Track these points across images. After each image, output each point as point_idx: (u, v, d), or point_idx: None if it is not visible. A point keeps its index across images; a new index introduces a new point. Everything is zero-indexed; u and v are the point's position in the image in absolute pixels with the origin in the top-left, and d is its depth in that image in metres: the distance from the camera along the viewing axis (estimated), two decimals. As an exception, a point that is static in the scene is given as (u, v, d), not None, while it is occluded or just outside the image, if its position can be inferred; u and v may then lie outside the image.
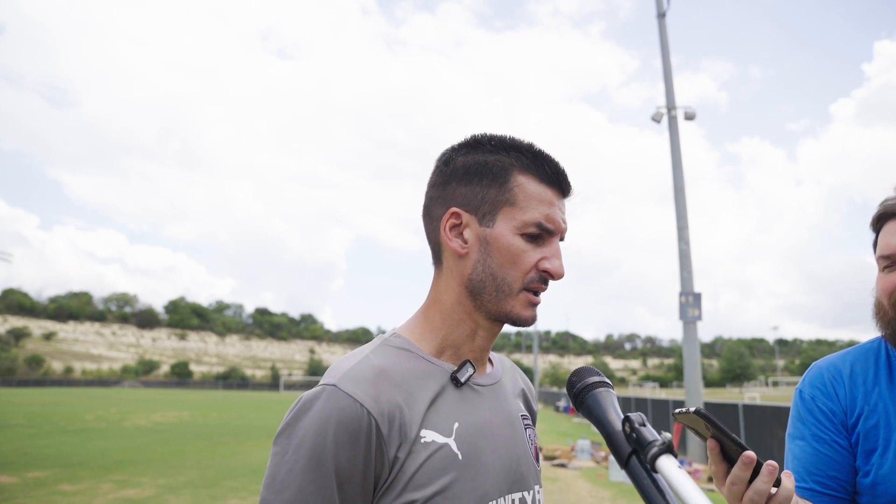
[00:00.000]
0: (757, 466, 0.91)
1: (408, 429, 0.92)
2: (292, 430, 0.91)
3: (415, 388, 0.96)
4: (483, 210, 1.01)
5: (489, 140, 1.04)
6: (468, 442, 0.96)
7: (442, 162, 1.06)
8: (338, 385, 0.91)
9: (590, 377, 0.94)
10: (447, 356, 1.03)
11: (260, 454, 14.11)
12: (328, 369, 0.98)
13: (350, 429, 0.88)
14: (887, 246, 1.33)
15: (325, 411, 0.89)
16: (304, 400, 0.92)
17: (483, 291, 1.00)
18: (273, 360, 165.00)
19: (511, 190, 1.00)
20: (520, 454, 1.04)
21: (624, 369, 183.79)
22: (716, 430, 0.92)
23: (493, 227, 1.00)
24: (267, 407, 40.05)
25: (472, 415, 0.99)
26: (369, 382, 0.92)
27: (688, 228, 17.65)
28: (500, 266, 0.99)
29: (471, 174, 1.02)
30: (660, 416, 21.99)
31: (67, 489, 9.27)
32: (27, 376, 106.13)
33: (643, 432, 0.81)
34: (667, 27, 19.48)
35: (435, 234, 1.05)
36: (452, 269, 1.03)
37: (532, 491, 1.05)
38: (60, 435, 17.61)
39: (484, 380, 1.06)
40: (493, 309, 1.01)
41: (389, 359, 0.98)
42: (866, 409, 1.34)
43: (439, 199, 1.04)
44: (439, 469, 0.92)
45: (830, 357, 1.46)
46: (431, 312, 1.05)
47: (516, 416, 1.09)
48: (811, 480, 1.34)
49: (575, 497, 9.07)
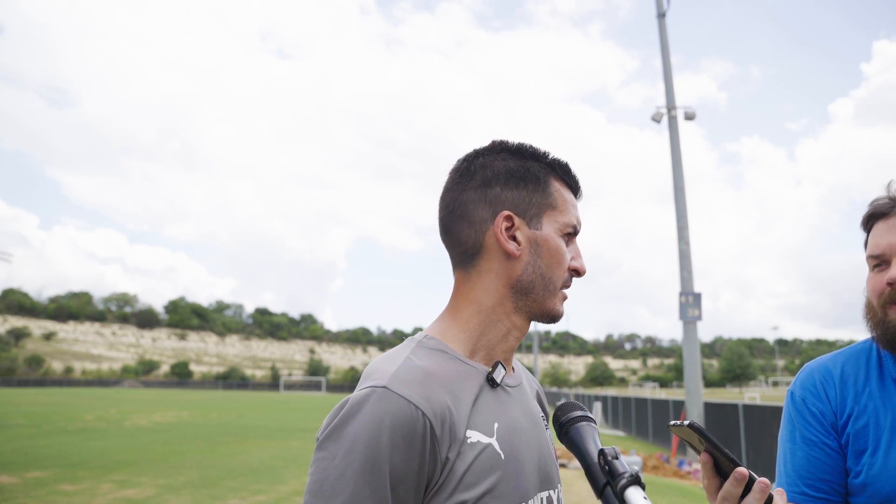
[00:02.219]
0: (749, 483, 0.91)
1: (457, 429, 0.93)
2: (340, 434, 0.88)
3: (458, 390, 0.97)
4: (531, 213, 1.05)
5: (524, 148, 1.09)
6: (507, 442, 0.98)
7: (477, 165, 1.08)
8: (388, 387, 0.90)
9: (573, 412, 1.02)
10: (480, 357, 1.04)
11: (260, 454, 14.12)
12: (367, 372, 0.99)
13: (405, 431, 0.88)
14: (876, 246, 1.34)
15: (377, 413, 0.88)
16: (350, 403, 0.91)
17: (532, 291, 1.04)
18: (273, 360, 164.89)
19: (552, 195, 1.07)
20: (545, 453, 1.07)
21: (624, 369, 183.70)
22: (709, 444, 0.93)
23: (542, 230, 1.05)
24: (267, 407, 40.08)
25: (508, 415, 1.02)
26: (420, 384, 0.92)
27: (688, 228, 17.67)
28: (549, 266, 1.05)
29: (516, 179, 1.05)
30: (660, 417, 21.99)
31: (67, 489, 9.29)
32: (27, 376, 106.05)
33: (615, 465, 0.88)
34: (667, 27, 19.50)
35: (476, 237, 1.05)
36: (497, 271, 1.04)
37: (557, 489, 1.09)
38: (60, 435, 17.62)
39: (511, 381, 1.08)
40: (538, 308, 1.05)
41: (430, 360, 0.98)
42: (856, 409, 1.35)
43: (481, 203, 1.05)
44: (486, 469, 0.93)
45: (822, 358, 1.47)
46: (466, 314, 1.06)
47: (538, 416, 1.12)
48: (802, 484, 1.35)
49: (575, 497, 9.07)
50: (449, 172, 1.12)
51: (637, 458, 11.33)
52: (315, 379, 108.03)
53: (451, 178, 1.10)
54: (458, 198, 1.07)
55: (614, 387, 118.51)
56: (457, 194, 1.07)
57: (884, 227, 1.34)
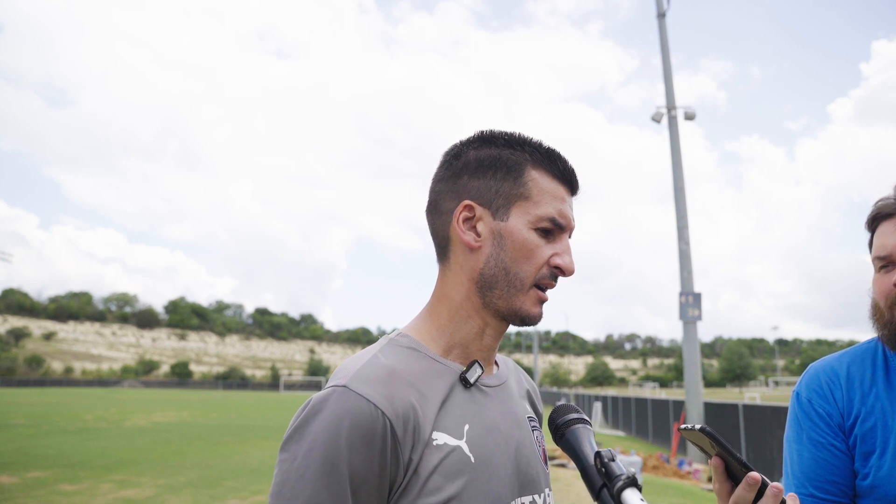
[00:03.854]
0: (761, 488, 0.89)
1: (421, 430, 0.89)
2: (301, 435, 0.86)
3: (426, 389, 0.93)
4: (497, 203, 0.99)
5: (501, 135, 1.03)
6: (479, 444, 0.94)
7: (451, 155, 1.04)
8: (348, 386, 0.88)
9: (569, 414, 0.99)
10: (455, 356, 1.00)
11: (260, 454, 14.11)
12: (335, 371, 0.95)
13: (364, 431, 0.85)
14: (882, 247, 1.32)
15: (336, 414, 0.85)
16: (312, 403, 0.88)
17: (494, 286, 0.98)
18: (273, 360, 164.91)
19: (525, 184, 0.99)
20: (529, 456, 1.02)
21: (624, 369, 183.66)
22: (721, 448, 0.92)
23: (508, 221, 0.98)
24: (267, 407, 40.06)
25: (482, 416, 0.97)
26: (382, 382, 0.89)
27: (688, 228, 17.68)
28: (514, 260, 0.97)
29: (484, 167, 1.00)
30: (660, 417, 21.98)
31: (67, 489, 9.28)
32: (27, 376, 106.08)
33: (612, 467, 0.87)
34: (666, 27, 19.50)
35: (444, 228, 1.02)
36: (462, 264, 1.00)
37: (543, 494, 1.03)
38: (60, 435, 17.60)
39: (491, 381, 1.03)
40: (503, 305, 0.99)
41: (399, 358, 0.95)
42: (863, 411, 1.33)
43: (449, 193, 1.02)
44: (453, 472, 0.89)
45: (827, 358, 1.45)
46: (438, 310, 1.02)
47: (523, 417, 1.07)
48: (810, 486, 1.34)
49: (575, 497, 9.06)
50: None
51: (637, 459, 11.31)
52: (315, 379, 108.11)
53: (436, 170, 1.08)
54: (434, 189, 1.05)
55: (614, 387, 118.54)
56: (433, 185, 1.05)
57: (890, 228, 1.32)
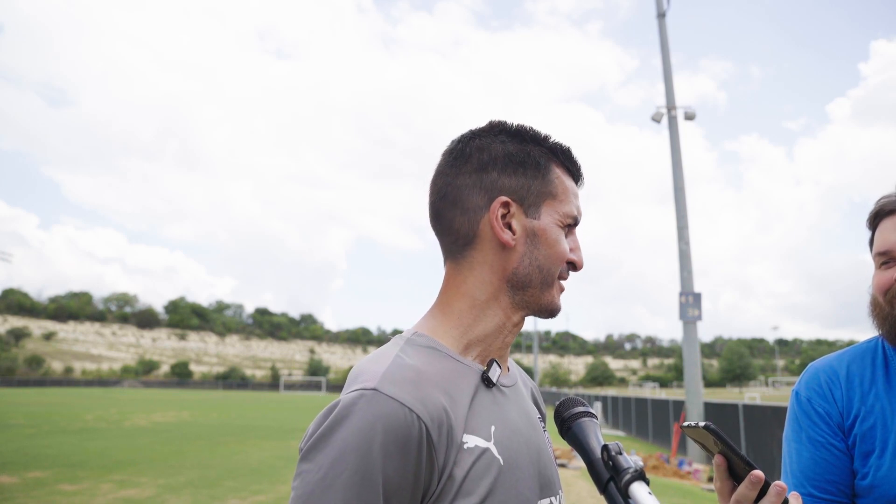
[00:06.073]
0: (764, 486, 0.89)
1: (454, 433, 0.85)
2: (327, 443, 0.80)
3: (453, 390, 0.88)
4: (529, 201, 0.97)
5: (522, 130, 1.01)
6: (506, 446, 0.90)
7: (474, 147, 0.99)
8: (378, 388, 0.82)
9: (575, 407, 0.97)
10: (473, 355, 0.96)
11: (260, 454, 14.11)
12: (353, 373, 0.89)
13: (399, 437, 0.79)
14: (884, 242, 1.33)
15: (367, 418, 0.79)
16: (338, 408, 0.82)
17: (529, 285, 0.96)
18: (273, 360, 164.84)
19: (552, 182, 0.99)
20: (545, 457, 0.99)
21: (624, 369, 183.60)
22: (724, 446, 0.91)
23: (540, 219, 0.97)
24: (267, 407, 40.06)
25: (504, 417, 0.94)
26: (412, 384, 0.84)
27: (688, 228, 17.69)
28: (547, 258, 0.97)
29: (514, 164, 0.97)
30: (660, 417, 21.97)
31: (67, 489, 9.27)
32: (27, 376, 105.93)
33: (619, 460, 0.86)
34: (666, 27, 19.51)
35: (470, 225, 0.97)
36: (492, 262, 0.96)
37: (558, 496, 1.01)
38: (60, 435, 17.60)
39: (507, 380, 1.00)
40: (535, 302, 0.98)
41: (421, 359, 0.90)
42: (863, 410, 1.33)
43: (476, 188, 0.97)
44: (484, 475, 0.86)
45: (827, 358, 1.45)
46: (458, 309, 0.97)
47: (535, 418, 1.04)
48: (809, 485, 1.34)
49: (575, 497, 9.07)
50: (442, 154, 1.03)
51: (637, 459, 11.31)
52: (315, 379, 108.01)
53: (443, 160, 1.01)
54: (452, 182, 0.99)
55: (614, 387, 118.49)
56: (450, 178, 0.99)
57: (892, 225, 1.33)
